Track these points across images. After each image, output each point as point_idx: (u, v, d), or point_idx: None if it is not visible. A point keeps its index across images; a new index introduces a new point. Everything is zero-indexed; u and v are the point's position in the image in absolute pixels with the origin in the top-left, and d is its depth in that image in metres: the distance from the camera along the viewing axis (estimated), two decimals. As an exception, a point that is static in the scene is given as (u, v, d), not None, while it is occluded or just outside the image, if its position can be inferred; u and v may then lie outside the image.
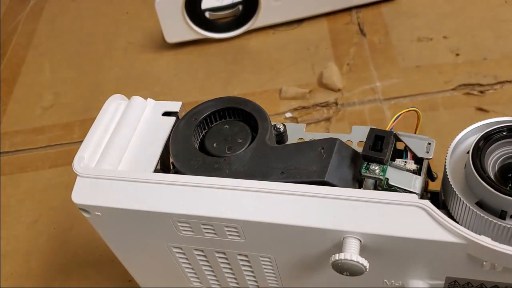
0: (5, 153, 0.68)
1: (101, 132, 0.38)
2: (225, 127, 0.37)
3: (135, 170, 0.36)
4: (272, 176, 0.33)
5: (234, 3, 0.72)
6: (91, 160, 0.36)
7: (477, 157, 0.31)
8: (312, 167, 0.33)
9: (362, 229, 0.30)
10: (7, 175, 0.65)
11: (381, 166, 0.33)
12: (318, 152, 0.33)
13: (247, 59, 0.69)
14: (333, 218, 0.30)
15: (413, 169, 0.34)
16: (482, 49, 0.62)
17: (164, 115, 0.39)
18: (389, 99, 0.60)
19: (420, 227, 0.29)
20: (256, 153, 0.34)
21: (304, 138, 0.39)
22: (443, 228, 0.28)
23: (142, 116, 0.39)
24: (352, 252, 0.29)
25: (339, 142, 0.34)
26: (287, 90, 0.63)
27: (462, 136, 0.33)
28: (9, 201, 0.62)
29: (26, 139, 0.68)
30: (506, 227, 0.29)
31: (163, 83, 0.70)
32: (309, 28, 0.71)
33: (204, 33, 0.71)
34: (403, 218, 0.29)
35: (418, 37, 0.65)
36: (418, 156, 0.34)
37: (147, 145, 0.37)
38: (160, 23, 0.69)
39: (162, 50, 0.73)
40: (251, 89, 0.65)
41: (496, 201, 0.29)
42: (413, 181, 0.33)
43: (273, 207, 0.31)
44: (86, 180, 0.35)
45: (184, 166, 0.35)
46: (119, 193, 0.34)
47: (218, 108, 0.38)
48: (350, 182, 0.34)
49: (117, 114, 0.39)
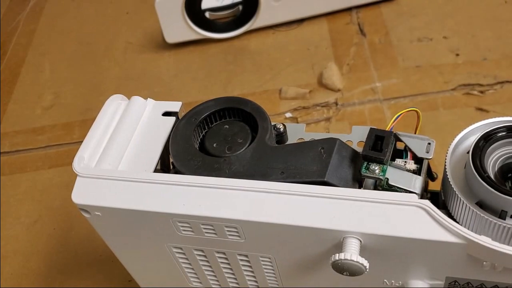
0: (5, 153, 0.68)
1: (101, 132, 0.38)
2: (225, 127, 0.37)
3: (135, 170, 0.36)
4: (272, 176, 0.33)
5: (234, 3, 0.72)
6: (91, 160, 0.36)
7: (477, 157, 0.30)
8: (312, 167, 0.33)
9: (362, 229, 0.29)
10: (7, 175, 0.65)
11: (381, 166, 0.33)
12: (318, 152, 0.33)
13: (247, 59, 0.69)
14: (333, 218, 0.30)
15: (413, 169, 0.34)
16: (482, 49, 0.62)
17: (164, 115, 0.39)
18: (389, 99, 0.60)
19: (420, 227, 0.29)
20: (256, 153, 0.34)
21: (304, 138, 0.39)
22: (443, 228, 0.28)
23: (142, 116, 0.39)
24: (352, 252, 0.29)
25: (339, 142, 0.34)
26: (287, 90, 0.63)
27: (462, 136, 0.33)
28: (9, 201, 0.62)
29: (26, 139, 0.68)
30: (506, 227, 0.29)
31: (163, 83, 0.70)
32: (309, 28, 0.71)
33: (204, 33, 0.71)
34: (403, 218, 0.29)
35: (418, 37, 0.65)
36: (418, 156, 0.34)
37: (147, 145, 0.37)
38: (160, 23, 0.69)
39: (162, 50, 0.73)
40: (251, 89, 0.65)
41: (496, 201, 0.29)
42: (413, 181, 0.33)
43: (273, 207, 0.31)
44: (86, 180, 0.35)
45: (184, 166, 0.35)
46: (119, 193, 0.34)
47: (218, 108, 0.37)
48: (350, 182, 0.34)
49: (117, 114, 0.39)
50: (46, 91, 0.73)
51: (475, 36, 0.64)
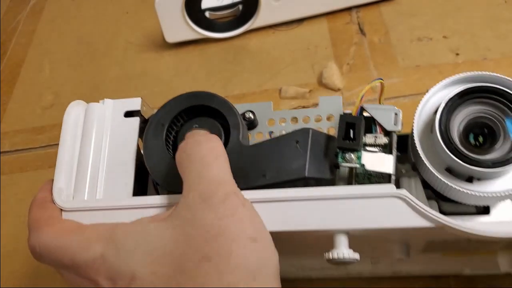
0: (5, 153, 0.68)
1: (69, 155, 0.37)
2: (195, 126, 0.36)
3: (115, 193, 0.36)
4: (254, 180, 0.33)
5: (234, 3, 0.72)
6: (68, 188, 0.36)
7: (442, 126, 0.32)
8: (291, 165, 0.33)
9: (348, 226, 0.31)
10: (7, 175, 0.65)
11: (356, 153, 0.34)
12: (293, 147, 0.33)
13: (247, 59, 0.69)
14: (319, 219, 0.32)
15: (384, 142, 0.34)
16: (482, 49, 0.62)
17: (126, 115, 0.38)
18: (389, 98, 0.60)
19: (399, 217, 0.31)
20: (232, 157, 0.33)
21: (273, 118, 0.39)
22: (420, 216, 0.31)
23: (105, 124, 0.38)
24: (342, 249, 0.31)
25: (312, 133, 0.34)
26: (287, 89, 0.64)
27: (429, 96, 0.34)
28: (9, 200, 0.62)
29: (26, 139, 0.68)
30: (472, 193, 0.32)
31: (163, 83, 0.70)
32: (309, 28, 0.71)
33: (204, 33, 0.71)
34: (383, 210, 0.31)
35: (418, 37, 0.65)
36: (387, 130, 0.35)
37: (120, 158, 0.37)
38: (160, 23, 0.69)
39: (162, 50, 0.73)
40: (251, 88, 0.65)
41: (464, 169, 0.31)
42: (387, 161, 0.34)
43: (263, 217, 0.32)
44: (72, 215, 0.35)
45: (165, 181, 0.34)
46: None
47: (182, 108, 0.36)
48: (328, 170, 0.35)
49: (79, 128, 0.38)
50: (46, 91, 0.73)
51: (475, 35, 0.64)
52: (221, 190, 0.29)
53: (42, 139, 0.67)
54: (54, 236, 0.32)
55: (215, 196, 0.29)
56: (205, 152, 0.31)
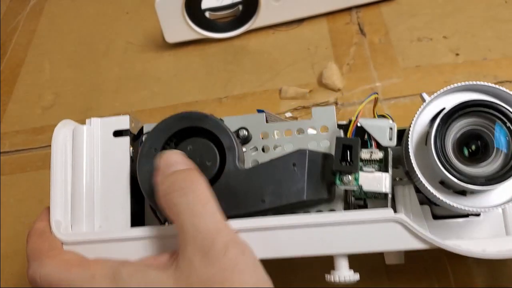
0: (5, 153, 0.68)
1: (62, 184, 0.36)
2: (189, 148, 0.35)
3: (113, 221, 0.36)
4: (253, 205, 0.33)
5: (234, 3, 0.72)
6: (66, 220, 0.36)
7: (437, 141, 0.32)
8: (289, 189, 0.33)
9: (348, 251, 0.33)
10: (7, 175, 0.65)
11: (353, 174, 0.34)
12: (291, 170, 0.33)
13: (247, 59, 0.69)
14: (320, 245, 0.33)
15: (379, 158, 0.35)
16: (482, 49, 0.62)
17: (115, 134, 0.37)
18: (389, 99, 0.60)
19: (397, 240, 0.32)
20: (229, 181, 0.32)
21: (267, 131, 0.38)
22: (417, 239, 0.32)
23: (94, 148, 0.37)
24: (343, 272, 0.32)
25: (309, 154, 0.34)
26: (287, 90, 0.63)
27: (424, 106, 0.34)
28: (9, 201, 0.62)
29: (26, 139, 0.68)
30: (463, 208, 0.32)
31: (163, 83, 0.70)
32: (309, 28, 0.71)
33: (204, 33, 0.71)
34: (382, 235, 0.32)
35: (418, 37, 0.65)
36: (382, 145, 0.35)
37: (114, 184, 0.36)
38: (160, 23, 0.69)
39: (162, 50, 0.73)
40: (251, 88, 0.65)
41: (457, 185, 0.32)
42: (384, 181, 0.34)
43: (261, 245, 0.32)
44: (73, 248, 0.35)
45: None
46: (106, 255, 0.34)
47: (174, 131, 0.36)
48: (325, 190, 0.35)
49: (68, 155, 0.37)
50: (46, 91, 0.73)
51: (475, 36, 0.64)
52: (220, 240, 0.29)
53: (42, 139, 0.67)
54: (56, 269, 0.32)
55: (214, 249, 0.29)
56: (192, 201, 0.30)
